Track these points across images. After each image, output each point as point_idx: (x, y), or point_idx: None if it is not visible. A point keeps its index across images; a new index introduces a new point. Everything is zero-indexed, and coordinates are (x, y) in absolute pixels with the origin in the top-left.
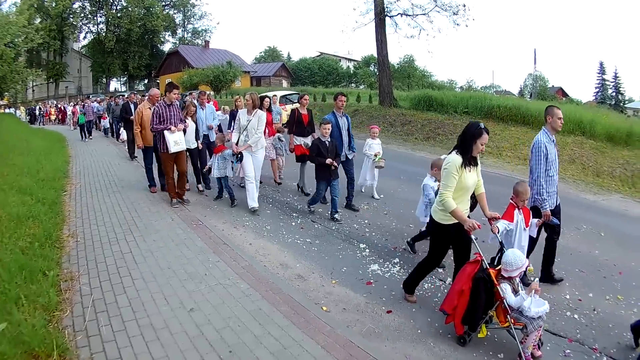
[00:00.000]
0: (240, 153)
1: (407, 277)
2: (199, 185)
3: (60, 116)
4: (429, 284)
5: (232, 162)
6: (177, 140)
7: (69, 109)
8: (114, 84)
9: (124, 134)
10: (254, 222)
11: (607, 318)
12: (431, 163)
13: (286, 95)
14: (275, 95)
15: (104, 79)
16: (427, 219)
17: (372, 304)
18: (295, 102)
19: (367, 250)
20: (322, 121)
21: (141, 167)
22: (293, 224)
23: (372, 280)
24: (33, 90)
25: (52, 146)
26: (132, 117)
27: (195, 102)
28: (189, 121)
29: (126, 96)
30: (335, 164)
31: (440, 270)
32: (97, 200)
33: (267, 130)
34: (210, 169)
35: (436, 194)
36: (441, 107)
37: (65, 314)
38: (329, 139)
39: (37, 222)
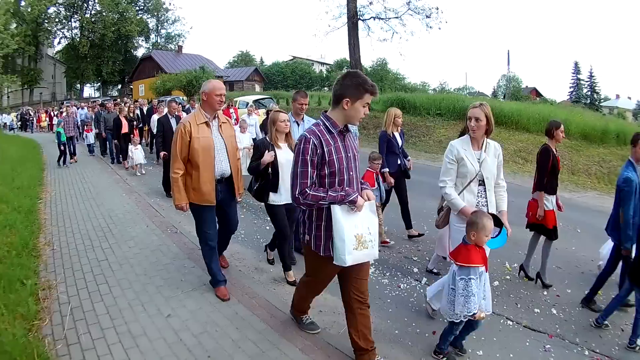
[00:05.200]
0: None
1: None
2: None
3: (50, 122)
4: (405, 285)
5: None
6: (364, 237)
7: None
8: (88, 90)
9: (137, 156)
10: None
11: (588, 313)
12: None
13: (259, 99)
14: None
15: (78, 85)
16: None
17: None
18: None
19: None
20: None
21: (116, 174)
22: (267, 227)
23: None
24: (8, 97)
25: (27, 154)
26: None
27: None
28: (283, 150)
29: (154, 103)
30: None
31: (416, 270)
32: (72, 208)
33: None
34: None
35: None
36: (414, 109)
37: (45, 323)
38: None
39: (14, 230)
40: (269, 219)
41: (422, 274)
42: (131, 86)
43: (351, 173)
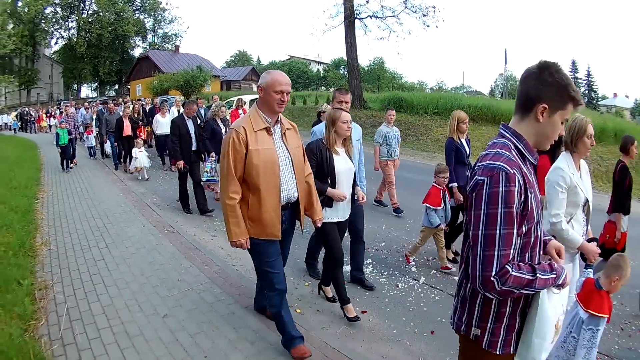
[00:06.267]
0: None
1: None
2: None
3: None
4: (403, 284)
5: None
6: (559, 321)
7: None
8: (85, 90)
9: (142, 158)
10: (225, 227)
11: None
12: None
13: (255, 99)
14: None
15: (75, 85)
16: None
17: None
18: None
19: None
20: None
21: (113, 174)
22: None
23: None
24: (5, 98)
25: (24, 154)
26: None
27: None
28: (341, 156)
29: (156, 102)
30: None
31: (414, 269)
32: (69, 208)
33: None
34: None
35: None
36: (411, 108)
37: (41, 323)
38: None
39: (11, 230)
40: None
41: (420, 273)
42: (128, 86)
43: (541, 225)
